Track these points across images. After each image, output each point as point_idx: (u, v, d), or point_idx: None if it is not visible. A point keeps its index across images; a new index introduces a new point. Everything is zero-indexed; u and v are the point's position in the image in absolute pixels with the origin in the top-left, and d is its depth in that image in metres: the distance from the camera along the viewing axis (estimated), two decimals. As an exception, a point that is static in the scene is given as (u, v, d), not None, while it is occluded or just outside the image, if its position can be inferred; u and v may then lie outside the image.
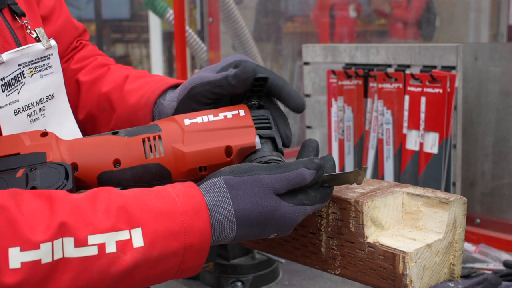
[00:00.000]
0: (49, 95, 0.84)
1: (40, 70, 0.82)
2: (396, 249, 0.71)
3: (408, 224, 0.77)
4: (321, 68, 1.73)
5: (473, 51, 1.62)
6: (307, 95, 1.80)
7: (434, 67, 1.47)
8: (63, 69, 0.91)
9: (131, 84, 0.89)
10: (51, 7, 0.95)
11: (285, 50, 3.29)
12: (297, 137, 2.71)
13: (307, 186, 0.70)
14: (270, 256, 1.31)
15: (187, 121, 0.72)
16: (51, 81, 0.84)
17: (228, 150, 0.71)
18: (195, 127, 0.71)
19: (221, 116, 0.72)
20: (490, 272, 1.32)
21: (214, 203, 0.68)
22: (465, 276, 1.28)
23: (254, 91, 0.75)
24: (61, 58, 0.94)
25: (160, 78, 0.89)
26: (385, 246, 0.72)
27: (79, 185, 0.72)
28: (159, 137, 0.71)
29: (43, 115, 0.83)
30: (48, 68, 0.83)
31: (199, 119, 0.72)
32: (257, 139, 0.72)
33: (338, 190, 0.79)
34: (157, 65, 5.33)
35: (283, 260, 1.33)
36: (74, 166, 0.71)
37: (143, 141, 0.72)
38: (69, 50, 0.99)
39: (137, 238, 0.63)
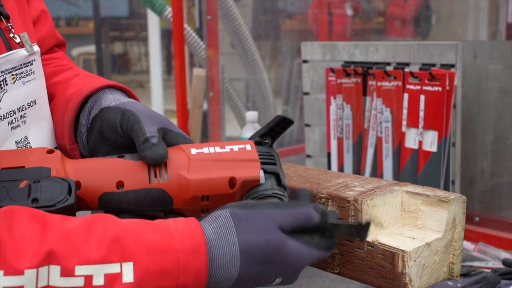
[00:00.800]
0: (31, 101, 0.82)
1: (22, 77, 0.80)
2: (395, 248, 0.70)
3: (407, 222, 0.77)
4: (320, 66, 1.73)
5: (472, 49, 1.62)
6: (306, 93, 1.80)
7: (433, 65, 1.46)
8: None
9: (78, 79, 0.88)
10: (39, 13, 0.94)
11: (284, 48, 3.29)
12: (296, 135, 2.71)
13: (312, 230, 0.69)
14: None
15: (193, 151, 0.72)
16: (33, 88, 0.82)
17: (232, 181, 0.71)
18: (201, 156, 0.72)
19: (227, 148, 0.73)
20: (489, 270, 1.32)
21: (217, 236, 0.66)
22: (464, 275, 1.28)
23: (274, 131, 0.75)
24: None
25: (104, 80, 0.87)
26: (384, 245, 0.72)
27: (80, 205, 0.71)
28: (165, 163, 0.71)
29: (23, 122, 0.81)
30: (30, 74, 0.81)
31: (205, 150, 0.73)
32: (261, 173, 0.72)
33: (337, 189, 0.78)
34: (156, 63, 5.32)
35: (282, 259, 1.32)
36: (77, 185, 0.70)
37: (149, 166, 0.71)
38: (44, 53, 0.98)
39: (128, 273, 0.61)
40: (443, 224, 0.74)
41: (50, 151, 0.72)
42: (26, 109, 0.81)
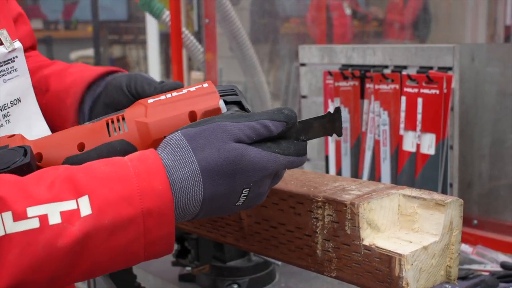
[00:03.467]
0: (15, 99, 0.80)
1: (3, 75, 0.78)
2: (392, 251, 0.70)
3: (404, 226, 0.77)
4: (318, 69, 1.73)
5: (470, 52, 1.62)
6: (304, 96, 1.80)
7: (431, 68, 1.46)
8: None
9: (73, 68, 0.88)
10: (16, 15, 0.94)
11: (282, 51, 3.29)
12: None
13: (279, 138, 0.68)
14: (266, 258, 1.30)
15: (150, 100, 0.73)
16: (16, 85, 0.80)
17: (192, 115, 0.70)
18: (158, 102, 0.72)
19: (184, 90, 0.73)
20: (487, 273, 1.32)
21: (173, 159, 0.63)
22: (462, 278, 1.28)
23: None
24: None
25: (106, 67, 0.89)
26: (381, 248, 0.71)
27: None
28: (123, 117, 0.71)
29: (7, 121, 0.79)
30: (12, 71, 0.79)
31: (162, 97, 0.73)
32: (221, 102, 0.71)
33: (334, 192, 0.78)
34: (154, 66, 5.32)
35: (280, 262, 1.32)
36: (38, 157, 0.70)
37: (107, 123, 0.71)
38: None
39: (85, 206, 0.58)
40: (440, 227, 0.74)
41: (11, 136, 0.72)
42: (8, 107, 0.79)
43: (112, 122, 0.71)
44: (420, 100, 1.45)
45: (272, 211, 0.84)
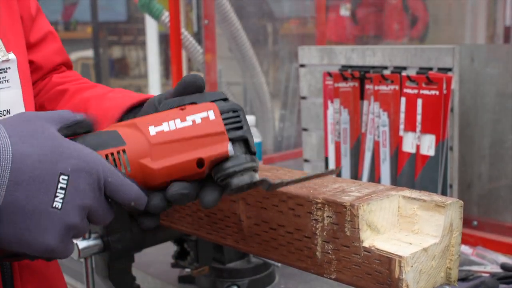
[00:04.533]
0: (4, 110, 0.80)
1: None
2: (392, 253, 0.70)
3: (404, 227, 0.77)
4: (317, 70, 1.72)
5: (470, 53, 1.62)
6: (303, 97, 1.79)
7: (430, 69, 1.46)
8: (43, 83, 0.92)
9: (114, 93, 0.87)
10: (45, 33, 0.95)
11: (282, 52, 3.29)
12: (294, 139, 2.70)
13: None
14: (266, 260, 1.30)
15: (152, 130, 0.65)
16: (7, 96, 0.80)
17: (199, 162, 0.66)
18: (162, 137, 0.65)
19: (189, 120, 0.66)
20: (487, 274, 1.32)
21: None
22: (462, 279, 1.28)
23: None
24: (42, 76, 0.96)
25: (144, 94, 0.86)
26: (381, 250, 0.71)
27: None
28: (124, 151, 0.65)
29: None
30: (4, 82, 0.79)
31: (165, 127, 0.66)
32: (229, 147, 0.67)
33: (333, 194, 0.78)
34: (154, 67, 5.31)
35: (279, 264, 1.32)
36: None
37: (106, 156, 0.66)
38: (51, 69, 0.99)
39: None
40: (440, 229, 0.73)
41: None
42: None
43: (112, 155, 0.66)
44: (419, 101, 1.45)
45: (271, 212, 0.83)
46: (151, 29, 4.85)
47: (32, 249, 0.59)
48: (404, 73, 1.49)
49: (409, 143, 1.48)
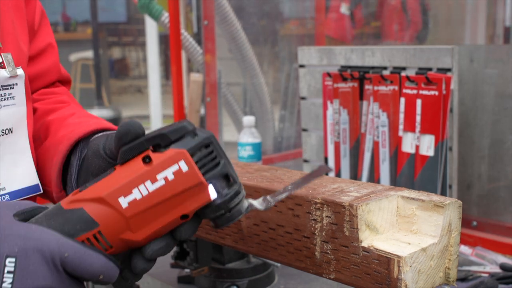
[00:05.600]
0: (6, 129, 0.75)
1: (0, 100, 0.74)
2: (390, 253, 0.70)
3: (403, 228, 0.77)
4: (317, 70, 1.73)
5: (469, 53, 1.62)
6: (303, 98, 1.80)
7: (430, 69, 1.46)
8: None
9: (73, 119, 0.82)
10: (45, 45, 0.90)
11: (282, 52, 3.29)
12: (293, 140, 2.70)
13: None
14: (265, 260, 1.30)
15: (123, 202, 0.59)
16: (11, 114, 0.75)
17: (184, 216, 0.61)
18: (137, 207, 0.58)
19: (160, 180, 0.59)
20: (486, 275, 1.32)
21: None
22: (461, 279, 1.28)
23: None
24: (32, 91, 0.89)
25: (100, 121, 0.81)
26: (380, 250, 0.71)
27: None
28: (99, 232, 0.59)
29: None
30: (9, 98, 0.74)
31: (136, 194, 0.58)
32: (211, 191, 0.60)
33: (332, 194, 0.78)
34: (154, 68, 5.32)
35: (279, 264, 1.32)
36: None
37: (83, 242, 0.59)
38: (42, 87, 0.93)
39: None
40: (439, 229, 0.74)
41: None
42: None
43: (89, 239, 0.59)
44: (419, 102, 1.45)
45: (270, 212, 0.83)
46: (151, 30, 4.86)
47: None
48: (403, 74, 1.49)
49: (408, 144, 1.48)
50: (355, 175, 1.63)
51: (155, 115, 5.41)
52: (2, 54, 0.75)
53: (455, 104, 1.44)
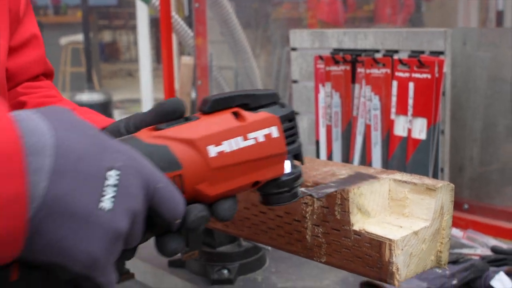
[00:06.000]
0: None
1: None
2: (382, 236, 0.70)
3: (394, 211, 0.76)
4: (309, 53, 1.71)
5: (462, 36, 1.61)
6: (295, 81, 1.78)
7: (422, 52, 1.45)
8: (9, 92, 0.81)
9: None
10: (29, 36, 0.84)
11: (274, 36, 3.27)
12: (285, 124, 2.69)
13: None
14: (256, 244, 1.30)
15: (212, 151, 0.55)
16: None
17: (255, 184, 0.59)
18: (223, 160, 0.55)
19: (251, 139, 0.57)
20: (477, 257, 1.32)
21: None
22: (452, 262, 1.28)
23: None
24: (12, 86, 0.85)
25: (102, 118, 0.75)
26: (371, 233, 0.71)
27: None
28: (180, 176, 0.54)
29: None
30: None
31: (226, 146, 0.55)
32: (286, 166, 0.60)
33: (324, 177, 0.77)
34: (145, 51, 5.28)
35: (270, 248, 1.32)
36: None
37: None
38: (25, 80, 0.88)
39: None
40: (431, 212, 0.73)
41: None
42: None
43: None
44: (411, 85, 1.44)
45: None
46: (142, 13, 4.82)
47: (71, 259, 0.46)
48: (395, 57, 1.48)
49: (400, 127, 1.48)
50: (347, 158, 1.62)
51: (146, 99, 5.39)
52: None
53: (447, 87, 1.44)
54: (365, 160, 1.56)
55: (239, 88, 2.74)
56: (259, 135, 0.57)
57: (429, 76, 1.41)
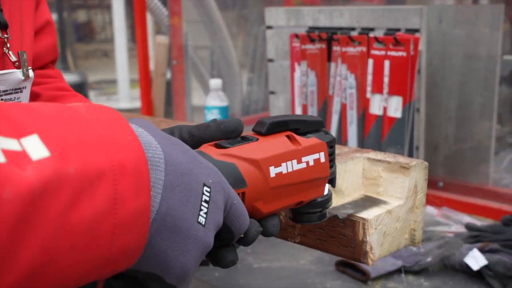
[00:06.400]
0: None
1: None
2: (355, 216, 0.69)
3: (368, 190, 0.76)
4: (284, 32, 1.69)
5: (437, 14, 1.60)
6: (270, 60, 1.77)
7: (398, 30, 1.44)
8: None
9: None
10: (44, 23, 0.81)
11: (251, 15, 3.24)
12: (262, 103, 2.68)
13: None
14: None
15: (272, 171, 0.59)
16: None
17: (299, 203, 0.64)
18: (280, 180, 0.59)
19: (303, 163, 0.61)
20: (452, 234, 1.33)
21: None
22: (427, 240, 1.29)
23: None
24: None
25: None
26: (345, 213, 0.70)
27: None
28: (243, 194, 0.57)
29: None
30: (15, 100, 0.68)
31: (283, 168, 0.60)
32: (326, 188, 0.65)
33: (297, 156, 0.76)
34: (120, 31, 5.20)
35: (246, 228, 1.31)
36: None
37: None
38: (38, 68, 0.86)
39: (35, 148, 0.38)
40: (405, 190, 0.73)
41: None
42: None
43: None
44: (387, 63, 1.43)
45: (234, 176, 0.82)
46: (117, -8, 4.74)
47: (169, 271, 0.47)
48: (371, 34, 1.47)
49: (376, 105, 1.47)
50: (323, 137, 1.62)
51: (122, 80, 5.32)
52: (18, 52, 0.67)
53: (423, 65, 1.43)
54: (341, 139, 1.55)
55: (215, 68, 2.71)
56: (310, 159, 0.62)
57: (404, 54, 1.40)
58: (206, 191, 0.49)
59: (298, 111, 1.64)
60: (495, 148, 1.66)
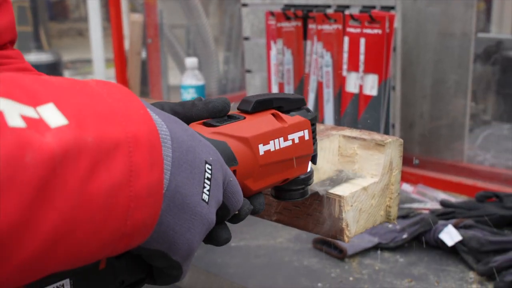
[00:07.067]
0: None
1: None
2: (331, 193, 0.69)
3: (344, 167, 0.76)
4: (260, 9, 1.68)
5: (413, -9, 1.60)
6: (246, 38, 1.75)
7: (373, 7, 1.44)
8: None
9: None
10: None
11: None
12: (238, 82, 2.67)
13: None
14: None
15: (261, 149, 0.59)
16: None
17: (284, 180, 0.64)
18: (268, 158, 0.60)
19: (289, 140, 0.62)
20: (427, 211, 1.34)
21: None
22: (402, 217, 1.30)
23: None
24: None
25: None
26: (321, 190, 0.70)
27: None
28: (234, 172, 0.57)
29: None
30: None
31: (271, 146, 0.60)
32: (309, 166, 0.66)
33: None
34: (94, 9, 5.12)
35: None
36: None
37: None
38: None
39: (53, 115, 0.38)
40: (380, 167, 0.73)
41: None
42: None
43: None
44: (362, 41, 1.43)
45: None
46: (90, -31, 4.65)
47: (175, 248, 0.48)
48: (347, 12, 1.47)
49: (352, 84, 1.47)
50: (299, 116, 1.62)
51: (97, 59, 5.25)
52: None
53: (398, 43, 1.44)
54: (318, 117, 1.55)
55: (191, 46, 2.69)
56: (296, 137, 0.63)
57: (380, 31, 1.40)
58: (208, 168, 0.50)
59: (275, 89, 1.64)
60: (470, 126, 1.68)
